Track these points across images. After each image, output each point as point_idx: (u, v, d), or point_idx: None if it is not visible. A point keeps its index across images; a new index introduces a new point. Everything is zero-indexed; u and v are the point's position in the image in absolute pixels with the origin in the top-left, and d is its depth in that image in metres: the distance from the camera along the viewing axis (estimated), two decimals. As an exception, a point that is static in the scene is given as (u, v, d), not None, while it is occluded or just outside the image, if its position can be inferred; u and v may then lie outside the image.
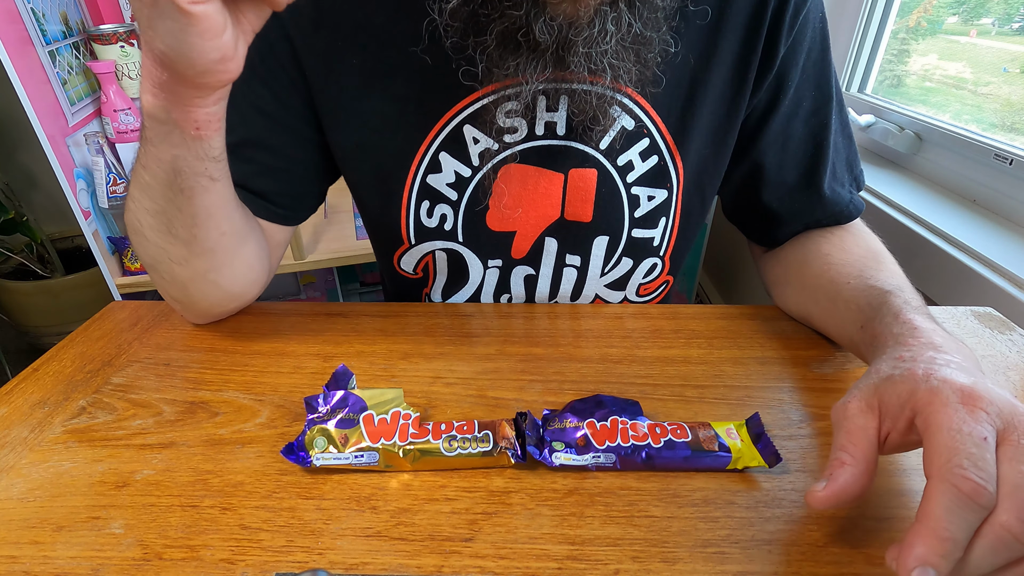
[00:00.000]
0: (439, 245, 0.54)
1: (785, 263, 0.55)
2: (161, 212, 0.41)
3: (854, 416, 0.29)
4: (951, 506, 0.23)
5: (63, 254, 1.67)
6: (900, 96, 1.05)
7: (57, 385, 0.43)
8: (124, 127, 1.24)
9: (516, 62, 0.41)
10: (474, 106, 0.48)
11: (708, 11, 0.46)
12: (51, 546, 0.31)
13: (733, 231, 0.62)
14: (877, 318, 0.39)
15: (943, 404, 0.26)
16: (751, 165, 0.53)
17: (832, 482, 0.27)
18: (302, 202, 0.55)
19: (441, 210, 0.52)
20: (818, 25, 0.49)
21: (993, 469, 0.24)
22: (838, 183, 0.53)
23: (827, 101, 0.51)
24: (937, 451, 0.25)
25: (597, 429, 0.36)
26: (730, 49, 0.47)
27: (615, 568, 0.30)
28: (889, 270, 0.46)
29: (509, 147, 0.50)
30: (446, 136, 0.49)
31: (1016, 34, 0.87)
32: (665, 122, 0.49)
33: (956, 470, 0.24)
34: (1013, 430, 0.25)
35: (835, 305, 0.46)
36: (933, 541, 0.23)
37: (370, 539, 0.31)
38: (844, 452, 0.28)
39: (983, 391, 0.27)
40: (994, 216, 0.76)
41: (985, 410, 0.26)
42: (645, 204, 0.52)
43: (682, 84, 0.48)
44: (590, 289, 0.57)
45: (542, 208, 0.52)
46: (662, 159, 0.51)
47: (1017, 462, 0.24)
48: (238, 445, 0.37)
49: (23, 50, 1.07)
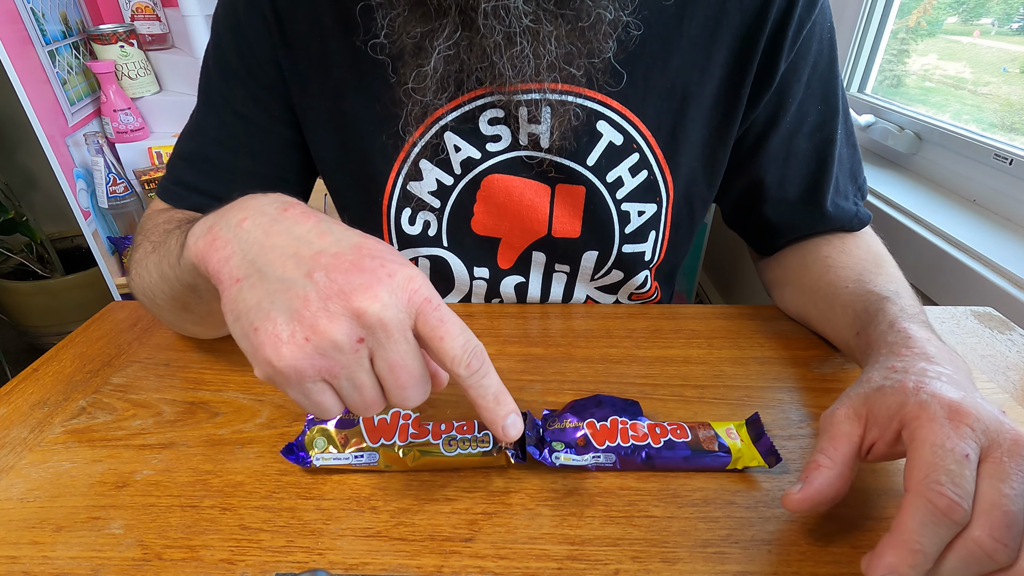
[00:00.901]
0: (423, 252, 0.53)
1: (784, 264, 0.55)
2: (178, 299, 0.40)
3: (840, 423, 0.30)
4: (925, 520, 0.24)
5: (63, 254, 1.67)
6: (900, 96, 1.05)
7: (57, 385, 0.43)
8: (124, 127, 1.24)
9: (423, 30, 0.40)
10: (455, 112, 0.47)
11: (701, 24, 0.45)
12: (51, 546, 0.31)
13: (733, 232, 0.62)
14: (872, 325, 0.39)
15: (930, 419, 0.27)
16: (751, 180, 0.53)
17: (807, 485, 0.28)
18: None
19: (424, 217, 0.52)
20: (826, 36, 0.48)
21: (971, 486, 0.24)
22: (841, 197, 0.52)
23: (833, 115, 0.50)
24: (918, 465, 0.25)
25: (597, 429, 0.36)
26: (723, 63, 0.46)
27: (615, 568, 0.30)
28: (888, 274, 0.46)
29: (492, 156, 0.49)
30: (426, 143, 0.48)
31: (1016, 34, 0.87)
32: (655, 136, 0.48)
33: (933, 486, 0.24)
34: (997, 447, 0.25)
35: (832, 309, 0.46)
36: (904, 552, 0.24)
37: (370, 539, 0.31)
38: (823, 455, 0.29)
39: (971, 407, 0.27)
40: (994, 216, 0.76)
41: (971, 426, 0.26)
42: (635, 219, 0.51)
43: (673, 98, 0.47)
44: (581, 292, 0.57)
45: (528, 222, 0.51)
46: (652, 174, 0.50)
47: (997, 480, 0.24)
48: (238, 445, 0.37)
49: (23, 50, 1.07)
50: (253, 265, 0.27)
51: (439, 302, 0.27)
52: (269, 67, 0.48)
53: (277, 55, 0.48)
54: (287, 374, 0.26)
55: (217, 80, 0.50)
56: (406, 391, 0.28)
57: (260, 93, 0.49)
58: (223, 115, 0.50)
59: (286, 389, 0.27)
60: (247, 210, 0.29)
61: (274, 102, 0.50)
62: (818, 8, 0.46)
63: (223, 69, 0.49)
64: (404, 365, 0.27)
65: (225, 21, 0.49)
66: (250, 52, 0.48)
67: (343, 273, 0.26)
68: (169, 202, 0.51)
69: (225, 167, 0.51)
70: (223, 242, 0.29)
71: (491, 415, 0.28)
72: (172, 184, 0.51)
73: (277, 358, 0.25)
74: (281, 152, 0.52)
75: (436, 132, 0.48)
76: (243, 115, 0.50)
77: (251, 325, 0.26)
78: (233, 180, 0.51)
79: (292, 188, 0.55)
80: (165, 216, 0.48)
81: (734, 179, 0.54)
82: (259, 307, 0.26)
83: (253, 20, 0.47)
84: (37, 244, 1.66)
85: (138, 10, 1.26)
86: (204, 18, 1.16)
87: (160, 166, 1.28)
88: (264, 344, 0.25)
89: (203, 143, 0.51)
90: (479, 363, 0.28)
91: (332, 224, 0.29)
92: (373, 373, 0.27)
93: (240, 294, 0.27)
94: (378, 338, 0.26)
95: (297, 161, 0.53)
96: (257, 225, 0.28)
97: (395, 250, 0.29)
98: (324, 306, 0.25)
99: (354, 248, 0.27)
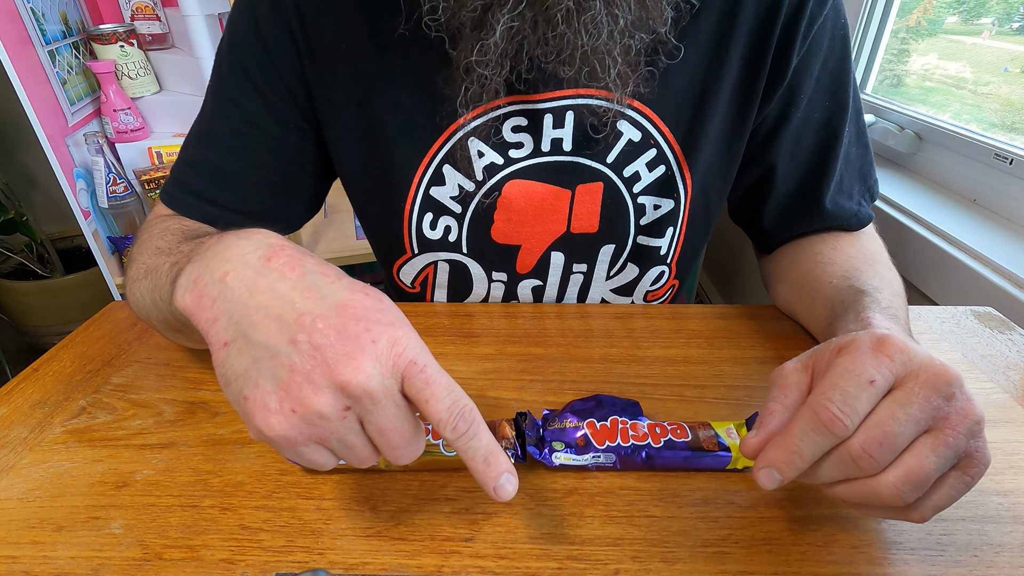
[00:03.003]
0: (442, 256, 0.54)
1: (779, 261, 0.56)
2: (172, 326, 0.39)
3: (788, 373, 0.30)
4: (807, 428, 0.26)
5: (63, 254, 1.67)
6: (900, 96, 1.05)
7: (57, 385, 0.43)
8: (124, 127, 1.24)
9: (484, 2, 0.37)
10: (480, 119, 0.47)
11: (717, 19, 0.45)
12: (51, 546, 0.31)
13: (733, 231, 0.62)
14: (842, 316, 0.40)
15: (855, 348, 0.28)
16: (761, 174, 0.53)
17: (762, 429, 0.28)
18: (289, 219, 0.55)
19: (445, 222, 0.52)
20: (838, 32, 0.48)
21: (863, 408, 0.26)
22: (844, 195, 0.52)
23: (842, 112, 0.50)
24: (821, 385, 0.27)
25: (597, 429, 0.36)
26: (739, 57, 0.46)
27: (615, 568, 0.30)
28: (877, 272, 0.46)
29: (515, 162, 0.49)
30: (450, 149, 0.48)
31: (1016, 34, 0.87)
32: (673, 132, 0.49)
33: (824, 400, 0.26)
34: (914, 379, 0.26)
35: (815, 303, 0.46)
36: (783, 452, 0.27)
37: (370, 539, 0.31)
38: (774, 402, 0.29)
39: (899, 341, 0.27)
40: (994, 216, 0.76)
41: (890, 356, 0.27)
42: (651, 213, 0.52)
43: (691, 93, 0.47)
44: (596, 293, 0.57)
45: (548, 224, 0.51)
46: (670, 169, 0.50)
47: (896, 404, 0.26)
48: (238, 445, 0.37)
49: (23, 50, 1.07)
50: (238, 328, 0.27)
51: (425, 362, 0.27)
52: (291, 78, 0.47)
53: (303, 65, 0.47)
54: (279, 442, 0.26)
55: (232, 86, 0.49)
56: (398, 451, 0.27)
57: (277, 103, 0.48)
58: (236, 124, 0.49)
59: (280, 451, 0.27)
60: (229, 262, 0.28)
61: (290, 112, 0.49)
62: (830, 4, 0.46)
63: (238, 76, 0.48)
64: (393, 428, 0.27)
65: (243, 26, 0.47)
66: (270, 61, 0.47)
67: (327, 339, 0.25)
68: (178, 211, 0.50)
69: (237, 178, 0.50)
70: (209, 300, 0.28)
71: (482, 477, 0.27)
72: (181, 192, 0.50)
73: (267, 428, 0.25)
74: (294, 162, 0.52)
75: (460, 138, 0.48)
76: (257, 125, 0.49)
77: (240, 393, 0.26)
78: (245, 190, 0.50)
79: (303, 196, 0.54)
80: (160, 227, 0.46)
81: (744, 173, 0.54)
82: (247, 375, 0.26)
83: (276, 29, 0.46)
84: (37, 244, 1.66)
85: (138, 10, 1.26)
86: (204, 18, 1.15)
87: (160, 166, 1.28)
88: (254, 413, 0.26)
89: (214, 152, 0.50)
90: (466, 425, 0.27)
91: (317, 277, 0.27)
92: (364, 434, 0.27)
93: (228, 359, 0.27)
94: (364, 406, 0.26)
95: (310, 170, 0.53)
96: (240, 281, 0.27)
97: (382, 304, 0.27)
98: (308, 378, 0.25)
99: (339, 309, 0.26)
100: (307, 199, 0.55)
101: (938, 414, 0.25)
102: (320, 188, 0.56)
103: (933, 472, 0.25)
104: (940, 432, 0.25)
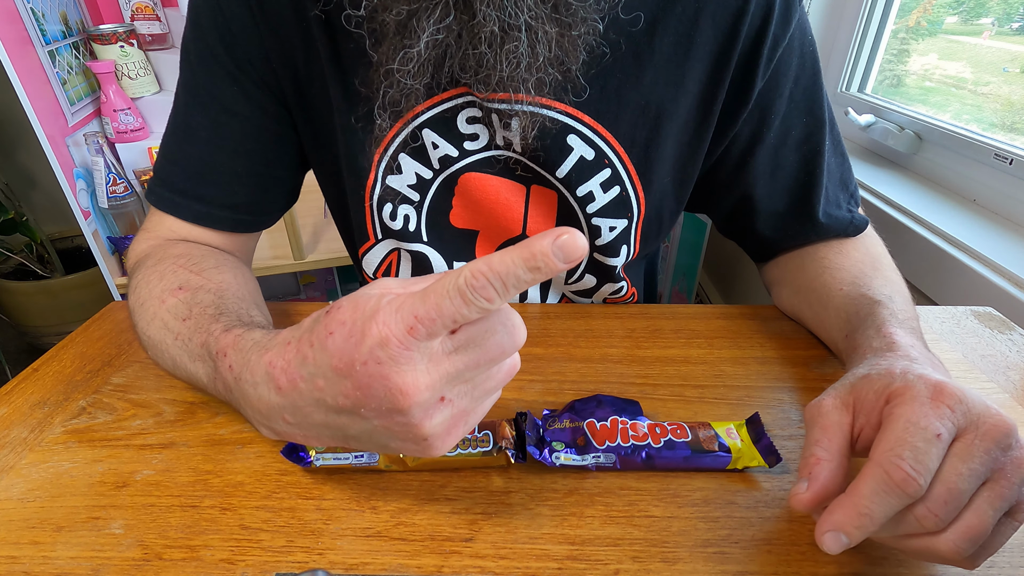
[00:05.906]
0: (404, 246, 0.53)
1: (782, 266, 0.55)
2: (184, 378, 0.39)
3: (828, 412, 0.29)
4: (878, 488, 0.25)
5: (63, 254, 1.67)
6: (900, 96, 1.05)
7: (57, 385, 0.43)
8: (124, 127, 1.24)
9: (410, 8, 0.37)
10: (433, 110, 0.46)
11: (674, 40, 0.45)
12: (51, 546, 0.31)
13: (733, 231, 0.62)
14: (860, 329, 0.39)
15: (912, 398, 0.27)
16: (741, 195, 0.53)
17: (813, 481, 0.27)
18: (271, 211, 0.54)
19: (404, 211, 0.51)
20: (807, 50, 0.48)
21: (934, 464, 0.25)
22: (833, 206, 0.52)
23: (820, 127, 0.50)
24: (887, 438, 0.26)
25: (597, 429, 0.36)
26: (697, 79, 0.46)
27: (615, 568, 0.30)
28: (885, 277, 0.46)
29: (470, 154, 0.48)
30: (404, 138, 0.48)
31: (1016, 34, 0.87)
32: (628, 153, 0.48)
33: (894, 459, 0.25)
34: (974, 430, 0.26)
35: (826, 311, 0.46)
36: (852, 514, 0.25)
37: (370, 539, 0.31)
38: (818, 447, 0.28)
39: (955, 389, 0.27)
40: (994, 216, 0.76)
41: (951, 407, 0.26)
42: (606, 234, 0.51)
43: (648, 115, 0.47)
44: (555, 295, 0.57)
45: (504, 220, 0.51)
46: (624, 190, 0.49)
47: (959, 460, 0.25)
48: (238, 445, 0.37)
49: (23, 50, 1.07)
50: (319, 439, 0.29)
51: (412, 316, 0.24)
52: (258, 61, 0.46)
53: (265, 46, 0.46)
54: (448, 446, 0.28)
55: (203, 76, 0.47)
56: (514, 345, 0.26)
57: (251, 89, 0.47)
58: (213, 114, 0.48)
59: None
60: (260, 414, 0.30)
61: (264, 96, 0.48)
62: (794, 23, 0.45)
63: (208, 64, 0.47)
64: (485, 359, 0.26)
65: (206, 12, 0.46)
66: (236, 46, 0.46)
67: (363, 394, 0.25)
68: (167, 212, 0.49)
69: (222, 171, 0.49)
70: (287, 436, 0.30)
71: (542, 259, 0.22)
72: (168, 192, 0.49)
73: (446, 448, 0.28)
74: (276, 149, 0.51)
75: (413, 129, 0.47)
76: (236, 113, 0.48)
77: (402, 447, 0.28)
78: (231, 183, 0.50)
79: (287, 185, 0.54)
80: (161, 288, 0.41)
81: (724, 195, 0.54)
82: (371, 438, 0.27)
83: (239, 11, 0.45)
84: (37, 244, 1.66)
85: (138, 10, 1.26)
86: (204, 18, 1.15)
87: (160, 166, 1.27)
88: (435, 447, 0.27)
89: (195, 145, 0.48)
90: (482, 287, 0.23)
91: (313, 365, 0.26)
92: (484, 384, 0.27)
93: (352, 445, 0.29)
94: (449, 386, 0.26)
95: (290, 156, 0.52)
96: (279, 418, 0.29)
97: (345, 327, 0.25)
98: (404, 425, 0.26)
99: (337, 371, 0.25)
100: (288, 190, 0.55)
101: (995, 465, 0.25)
102: (299, 178, 0.56)
103: (991, 527, 0.25)
104: (996, 484, 0.25)
